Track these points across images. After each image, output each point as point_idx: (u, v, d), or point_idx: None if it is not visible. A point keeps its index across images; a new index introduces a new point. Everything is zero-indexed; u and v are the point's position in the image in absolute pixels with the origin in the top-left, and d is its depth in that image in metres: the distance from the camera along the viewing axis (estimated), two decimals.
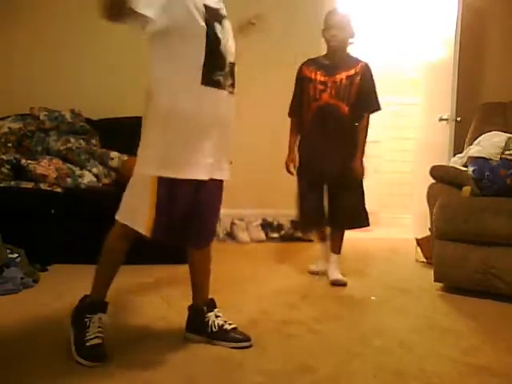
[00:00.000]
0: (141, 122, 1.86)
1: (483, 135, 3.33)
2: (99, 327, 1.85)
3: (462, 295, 2.76)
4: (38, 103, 3.78)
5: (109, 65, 4.01)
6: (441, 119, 3.95)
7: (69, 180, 3.39)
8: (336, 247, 3.07)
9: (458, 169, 3.20)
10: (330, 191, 3.03)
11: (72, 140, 3.65)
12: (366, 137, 3.01)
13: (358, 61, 3.00)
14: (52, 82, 4.04)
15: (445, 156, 3.81)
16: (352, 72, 2.94)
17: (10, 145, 3.59)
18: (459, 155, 3.39)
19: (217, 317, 2.02)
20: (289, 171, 3.09)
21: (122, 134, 3.29)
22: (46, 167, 3.38)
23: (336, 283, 2.92)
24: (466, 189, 3.03)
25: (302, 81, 3.03)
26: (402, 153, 5.42)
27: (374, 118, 3.05)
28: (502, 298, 2.66)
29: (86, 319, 1.85)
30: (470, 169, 3.12)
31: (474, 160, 3.17)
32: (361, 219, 3.04)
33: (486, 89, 4.15)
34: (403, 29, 5.31)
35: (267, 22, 2.06)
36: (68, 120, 3.76)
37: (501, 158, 3.11)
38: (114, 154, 3.67)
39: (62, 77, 4.07)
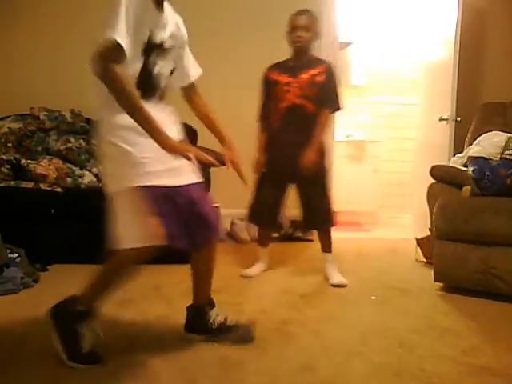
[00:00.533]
0: None
1: (483, 135, 3.33)
2: (92, 329, 1.81)
3: (462, 295, 2.76)
4: (38, 103, 3.79)
5: None
6: (441, 119, 3.95)
7: (69, 180, 3.39)
8: (326, 247, 3.08)
9: (458, 169, 3.20)
10: (299, 191, 3.03)
11: (72, 140, 3.65)
12: (322, 131, 2.95)
13: (322, 61, 3.01)
14: (52, 82, 4.04)
15: (445, 156, 3.80)
16: (316, 71, 2.92)
17: (9, 145, 3.59)
18: (459, 155, 3.39)
19: (217, 315, 2.03)
20: (256, 173, 3.04)
21: None
22: (46, 167, 3.38)
23: (337, 286, 2.91)
24: (466, 189, 3.03)
25: (267, 85, 3.03)
26: (402, 153, 5.42)
27: (374, 118, 3.05)
28: (502, 298, 2.66)
29: (78, 327, 1.79)
30: (470, 169, 3.12)
31: (474, 160, 3.17)
32: (325, 220, 3.02)
33: (485, 89, 4.15)
34: (403, 29, 5.31)
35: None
36: (68, 120, 3.76)
37: (501, 158, 3.11)
38: None
39: (61, 77, 4.06)
